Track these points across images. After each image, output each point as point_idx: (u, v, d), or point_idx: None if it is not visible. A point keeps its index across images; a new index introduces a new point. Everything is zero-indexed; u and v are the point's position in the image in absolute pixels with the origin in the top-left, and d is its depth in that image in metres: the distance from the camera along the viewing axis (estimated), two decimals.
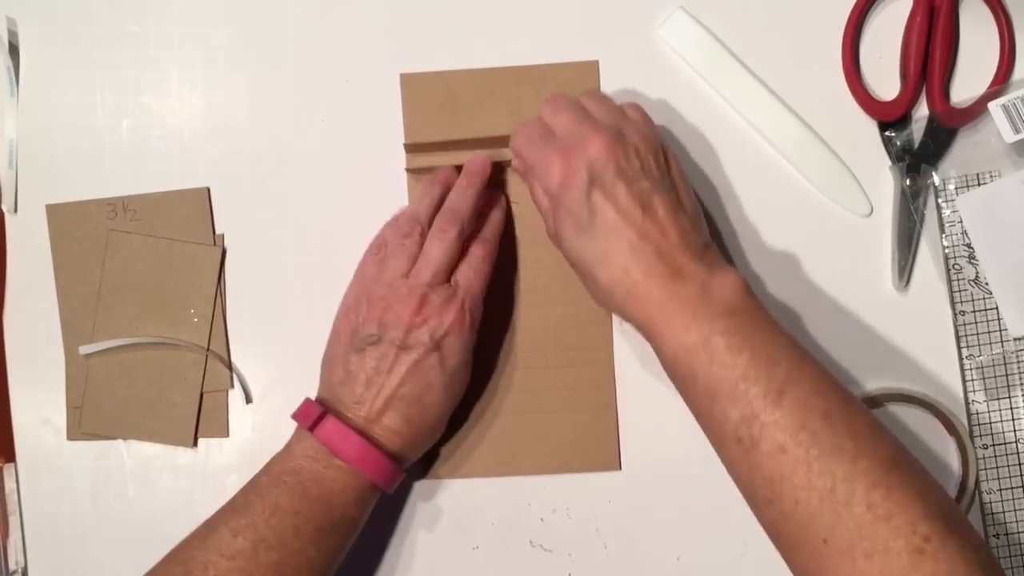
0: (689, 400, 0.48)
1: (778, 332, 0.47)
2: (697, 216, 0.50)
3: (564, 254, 0.51)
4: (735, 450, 0.45)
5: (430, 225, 0.53)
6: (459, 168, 0.56)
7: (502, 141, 0.55)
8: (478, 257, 0.54)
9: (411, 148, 0.57)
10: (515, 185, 0.57)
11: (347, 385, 0.51)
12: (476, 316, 0.53)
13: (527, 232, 0.57)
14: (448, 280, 0.52)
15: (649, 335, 0.48)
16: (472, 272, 0.53)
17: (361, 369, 0.51)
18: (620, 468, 0.57)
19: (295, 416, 0.52)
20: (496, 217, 0.56)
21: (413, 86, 0.57)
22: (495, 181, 0.57)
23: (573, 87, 0.57)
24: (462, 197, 0.54)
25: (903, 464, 0.43)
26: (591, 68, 0.57)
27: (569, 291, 0.57)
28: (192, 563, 0.47)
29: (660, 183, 0.49)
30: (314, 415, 0.50)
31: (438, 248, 0.52)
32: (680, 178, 0.51)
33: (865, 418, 0.45)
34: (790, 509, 0.43)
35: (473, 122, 0.57)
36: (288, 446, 0.51)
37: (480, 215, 0.55)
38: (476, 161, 0.55)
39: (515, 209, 0.57)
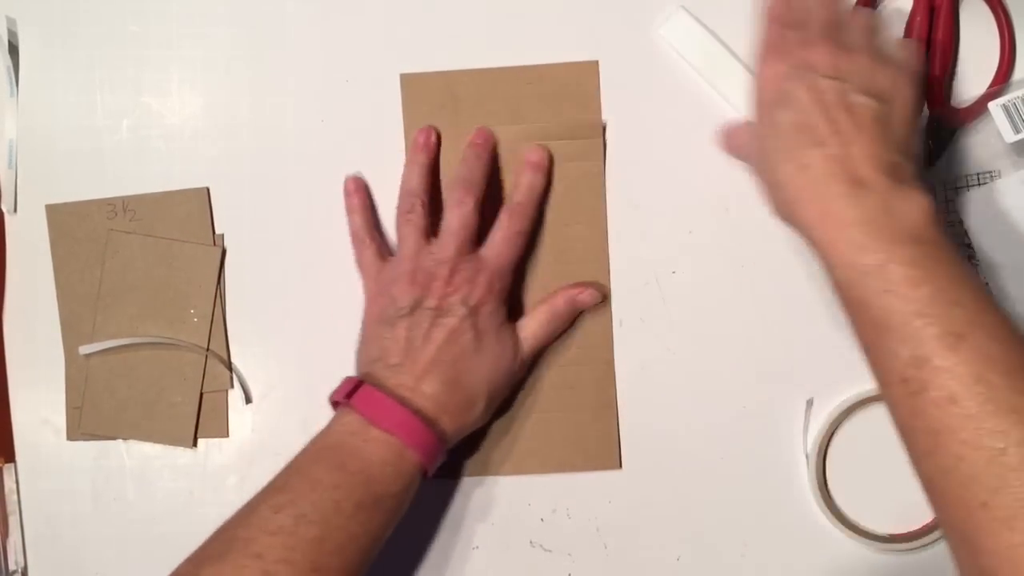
0: (856, 328, 0.44)
1: (964, 270, 0.43)
2: (906, 133, 0.47)
3: (748, 149, 0.50)
4: (899, 391, 0.42)
5: (427, 194, 0.54)
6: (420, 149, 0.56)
7: (505, 136, 0.56)
8: (512, 230, 0.54)
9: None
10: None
11: (383, 359, 0.51)
12: (506, 285, 0.53)
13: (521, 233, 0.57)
14: (474, 250, 0.53)
15: (820, 248, 0.45)
16: (503, 244, 0.53)
17: (396, 340, 0.51)
18: (620, 467, 0.57)
19: (332, 394, 0.51)
20: (529, 189, 0.55)
21: (413, 86, 0.57)
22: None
23: (572, 88, 0.57)
24: (473, 166, 0.54)
25: None
26: (591, 68, 0.57)
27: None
28: (234, 541, 0.46)
29: (871, 90, 0.46)
30: (351, 386, 0.50)
31: (458, 219, 0.52)
32: (904, 90, 0.48)
33: None
34: (951, 465, 0.40)
35: (473, 122, 0.57)
36: (327, 425, 0.51)
37: (515, 186, 0.55)
38: (480, 132, 0.56)
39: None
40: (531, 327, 0.55)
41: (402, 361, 0.50)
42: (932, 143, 0.56)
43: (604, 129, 0.57)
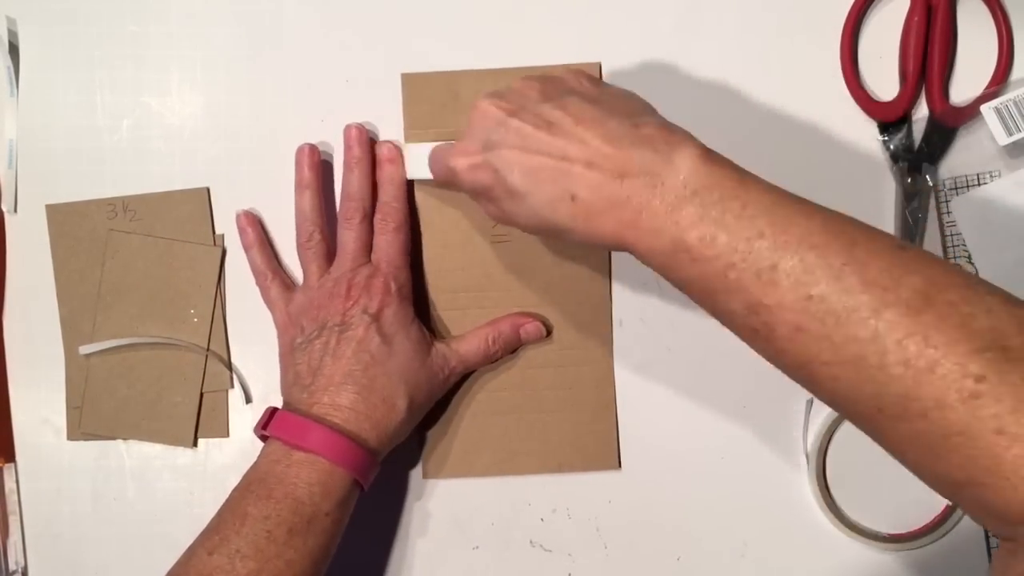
0: (695, 301, 0.43)
1: (752, 192, 0.41)
2: (628, 110, 0.44)
3: (525, 229, 0.46)
4: (755, 341, 0.41)
5: (322, 218, 0.55)
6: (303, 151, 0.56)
7: None
8: (390, 229, 0.54)
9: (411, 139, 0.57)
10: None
11: (297, 383, 0.52)
12: (403, 284, 0.54)
13: (522, 233, 0.57)
14: (368, 260, 0.54)
15: (628, 251, 0.43)
16: (387, 245, 0.54)
17: (308, 363, 0.52)
18: (620, 467, 0.57)
19: (255, 428, 0.52)
20: (389, 184, 0.55)
21: (414, 86, 0.57)
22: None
23: None
24: (353, 181, 0.55)
25: (935, 294, 0.37)
26: (593, 70, 0.57)
27: (568, 290, 0.57)
28: None
29: (560, 99, 0.44)
30: (267, 415, 0.51)
31: (347, 236, 0.54)
32: (593, 86, 0.46)
33: (879, 258, 0.38)
34: (831, 387, 0.39)
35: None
36: (256, 459, 0.51)
37: (379, 186, 0.55)
38: (351, 134, 0.56)
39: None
40: (468, 345, 0.55)
41: (314, 380, 0.51)
42: (932, 143, 0.56)
43: None
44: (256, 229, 0.57)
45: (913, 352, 0.36)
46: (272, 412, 0.51)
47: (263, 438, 0.52)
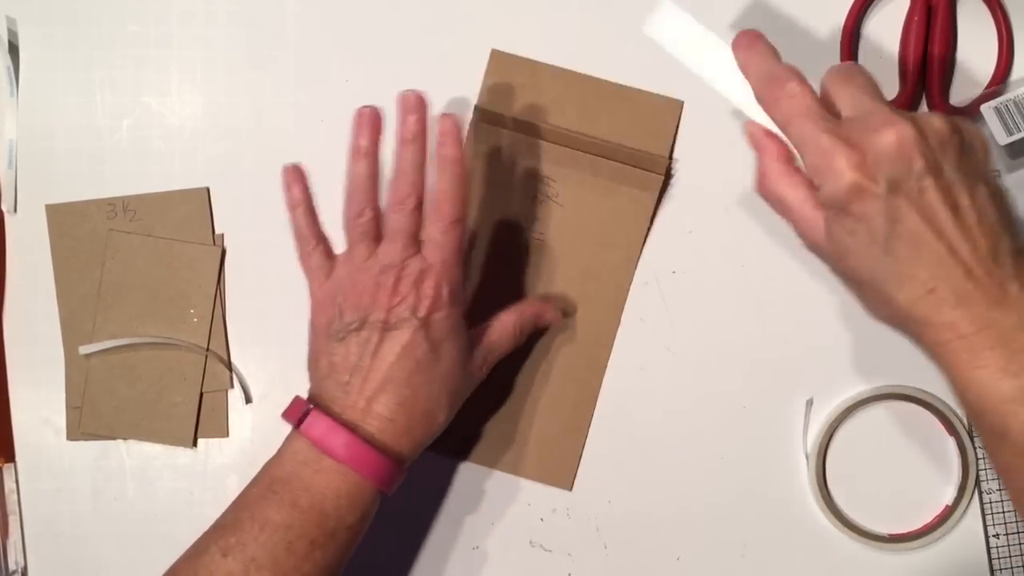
0: (993, 453, 0.42)
1: None
2: (1006, 212, 0.41)
3: (839, 266, 0.44)
4: None
5: (376, 195, 0.50)
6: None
7: (571, 139, 0.56)
8: (445, 222, 0.49)
9: (481, 115, 0.57)
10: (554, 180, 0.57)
11: (332, 376, 0.48)
12: (456, 286, 0.49)
13: (561, 238, 0.57)
14: (418, 251, 0.49)
15: (948, 369, 0.41)
16: (443, 237, 0.49)
17: (346, 356, 0.48)
18: (571, 489, 0.57)
19: (284, 415, 0.49)
20: (452, 166, 0.49)
21: (500, 64, 0.57)
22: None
23: (651, 118, 0.56)
24: (408, 158, 0.50)
25: None
26: (675, 106, 0.57)
27: (582, 306, 0.57)
28: None
29: (967, 176, 0.41)
30: (300, 411, 0.48)
31: (396, 222, 0.49)
32: (986, 163, 0.42)
33: None
34: None
35: (546, 113, 0.57)
36: (279, 451, 0.48)
37: (437, 172, 0.50)
38: (408, 100, 0.49)
39: (554, 209, 0.57)
40: (500, 336, 0.52)
41: (351, 380, 0.47)
42: None
43: (669, 168, 0.57)
44: (303, 187, 0.52)
45: None
46: (305, 408, 0.48)
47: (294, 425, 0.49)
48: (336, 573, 0.48)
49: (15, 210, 0.58)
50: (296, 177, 0.52)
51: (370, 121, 0.50)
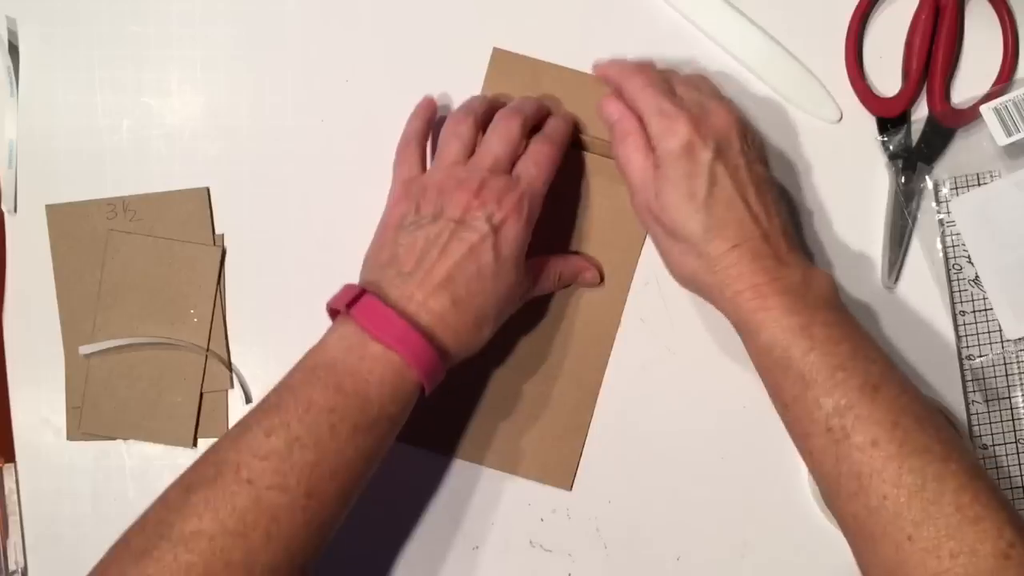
0: (777, 387, 0.48)
1: (867, 333, 0.48)
2: (780, 207, 0.51)
3: (655, 219, 0.51)
4: (823, 440, 0.45)
5: (484, 118, 0.53)
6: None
7: (572, 138, 0.56)
8: (542, 153, 0.52)
9: None
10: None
11: (393, 265, 0.49)
12: (535, 211, 0.51)
13: (561, 238, 0.57)
14: (509, 172, 0.51)
15: (743, 317, 0.48)
16: (534, 167, 0.51)
17: (412, 247, 0.49)
18: (571, 489, 0.57)
19: (331, 302, 0.49)
20: (561, 122, 0.55)
21: (502, 62, 0.57)
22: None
23: None
24: (526, 100, 0.55)
25: (984, 473, 0.44)
26: None
27: (585, 304, 0.57)
28: (224, 464, 0.44)
29: (762, 167, 0.51)
30: (352, 295, 0.47)
31: (498, 137, 0.52)
32: (765, 158, 0.54)
33: (946, 427, 0.46)
34: (877, 504, 0.43)
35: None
36: (324, 337, 0.48)
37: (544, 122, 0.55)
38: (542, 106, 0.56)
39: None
40: (543, 277, 0.54)
41: (414, 271, 0.48)
42: (930, 143, 0.56)
43: None
44: (431, 111, 0.56)
45: (966, 502, 0.42)
46: (359, 292, 0.47)
47: (333, 313, 0.49)
48: (373, 463, 0.48)
49: (15, 210, 0.58)
50: (428, 106, 0.56)
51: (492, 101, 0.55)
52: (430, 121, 0.56)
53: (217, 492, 0.43)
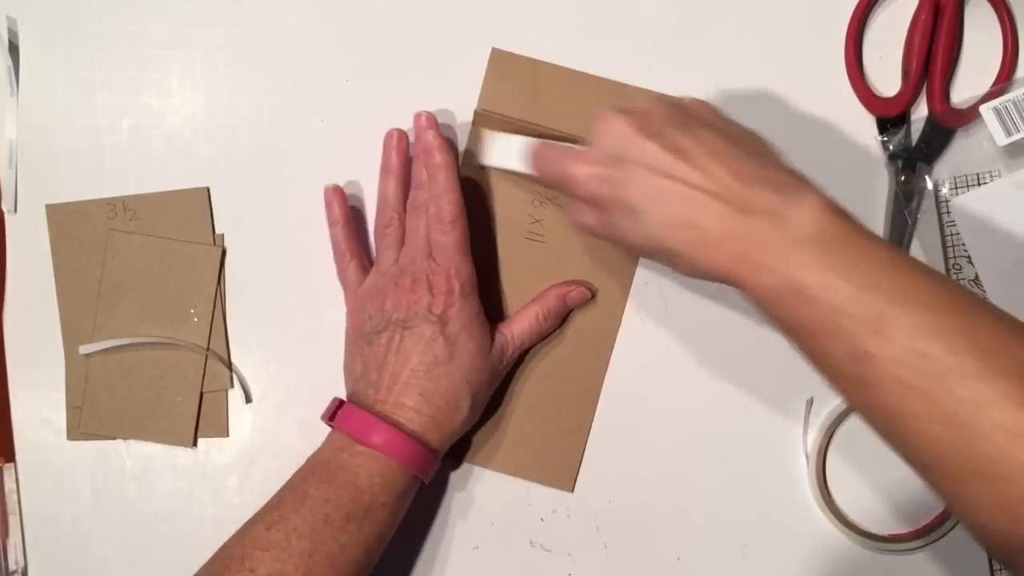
0: (789, 339, 0.44)
1: (873, 248, 0.42)
2: (755, 150, 0.46)
3: (631, 248, 0.48)
4: (846, 385, 0.42)
5: (403, 205, 0.55)
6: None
7: (572, 138, 0.55)
8: (444, 223, 0.52)
9: (481, 116, 0.57)
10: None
11: (365, 376, 0.52)
12: (466, 279, 0.52)
13: (556, 238, 0.57)
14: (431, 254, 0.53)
15: (736, 285, 0.45)
16: (443, 239, 0.52)
17: (375, 356, 0.52)
18: (572, 491, 0.57)
19: (322, 415, 0.53)
20: (443, 172, 0.52)
21: (500, 63, 0.57)
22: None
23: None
24: (421, 171, 0.54)
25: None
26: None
27: (583, 306, 0.57)
28: (231, 559, 0.48)
29: (693, 128, 0.46)
30: (335, 406, 0.52)
31: (413, 228, 0.54)
32: (723, 122, 0.48)
33: (987, 326, 0.40)
34: (918, 441, 0.40)
35: (547, 116, 0.57)
36: (321, 444, 0.52)
37: (429, 174, 0.53)
38: (420, 118, 0.54)
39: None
40: (519, 326, 0.55)
41: (379, 378, 0.51)
42: (929, 143, 0.56)
43: None
44: (343, 205, 0.56)
45: (1008, 417, 0.37)
46: (339, 404, 0.52)
47: (330, 424, 0.52)
48: (373, 550, 0.50)
49: (15, 210, 0.58)
50: (337, 196, 0.56)
51: (397, 143, 0.56)
52: (349, 219, 0.56)
53: None
